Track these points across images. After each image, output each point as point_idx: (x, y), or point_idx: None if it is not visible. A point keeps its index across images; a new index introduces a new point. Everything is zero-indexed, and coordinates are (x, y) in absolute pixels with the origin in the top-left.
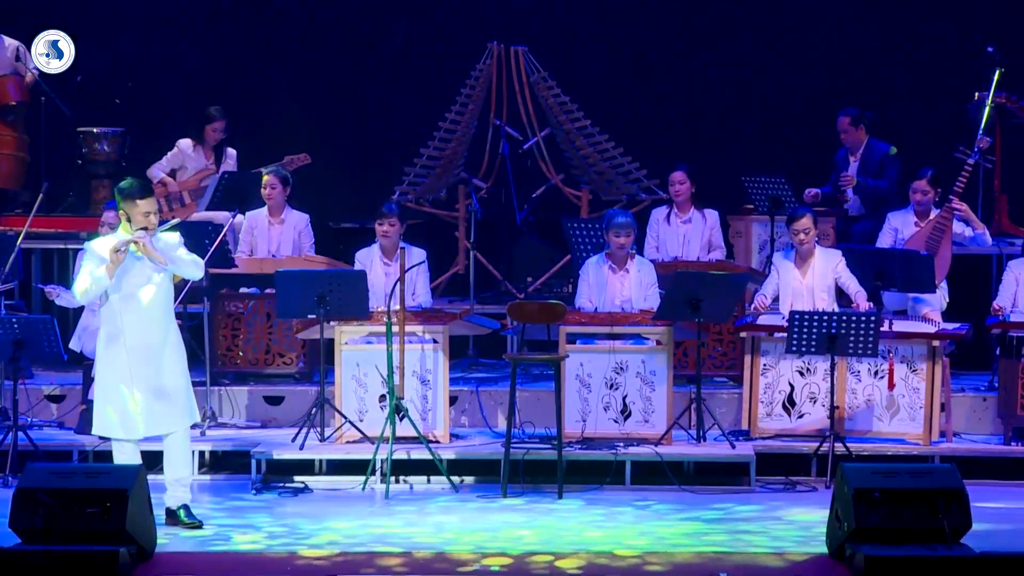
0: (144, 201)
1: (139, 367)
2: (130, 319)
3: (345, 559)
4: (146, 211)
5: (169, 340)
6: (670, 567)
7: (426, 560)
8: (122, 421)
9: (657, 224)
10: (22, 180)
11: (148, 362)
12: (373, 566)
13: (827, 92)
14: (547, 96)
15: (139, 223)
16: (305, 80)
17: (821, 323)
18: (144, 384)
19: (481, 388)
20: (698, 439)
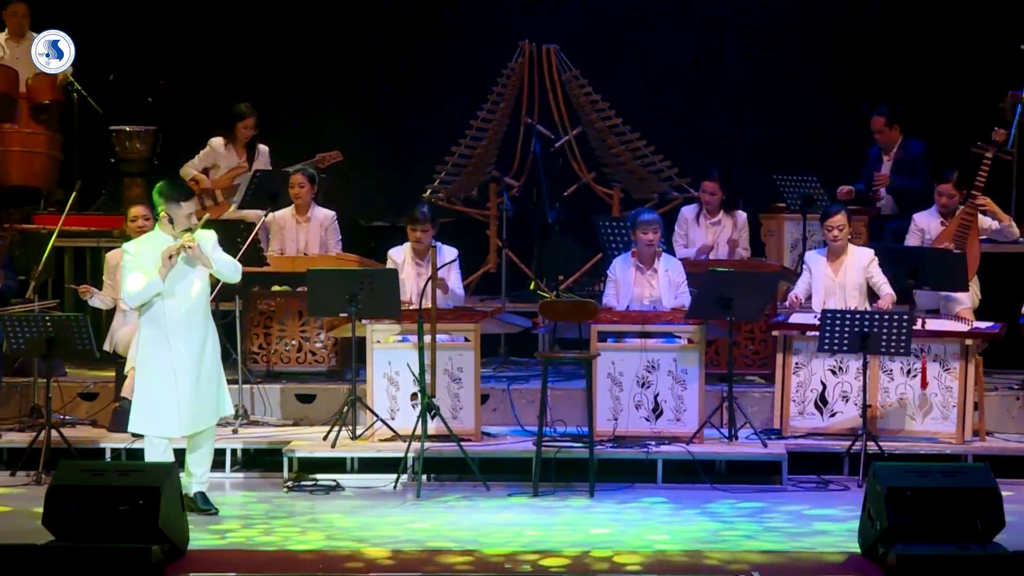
0: (187, 203)
1: (182, 366)
2: (173, 318)
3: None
4: (188, 213)
5: (209, 338)
6: (701, 566)
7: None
8: (162, 419)
9: (686, 223)
10: (55, 179)
11: (190, 361)
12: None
13: (859, 90)
14: (579, 94)
15: (182, 225)
16: (338, 77)
17: (854, 322)
18: (187, 384)
19: (512, 386)
20: (730, 438)
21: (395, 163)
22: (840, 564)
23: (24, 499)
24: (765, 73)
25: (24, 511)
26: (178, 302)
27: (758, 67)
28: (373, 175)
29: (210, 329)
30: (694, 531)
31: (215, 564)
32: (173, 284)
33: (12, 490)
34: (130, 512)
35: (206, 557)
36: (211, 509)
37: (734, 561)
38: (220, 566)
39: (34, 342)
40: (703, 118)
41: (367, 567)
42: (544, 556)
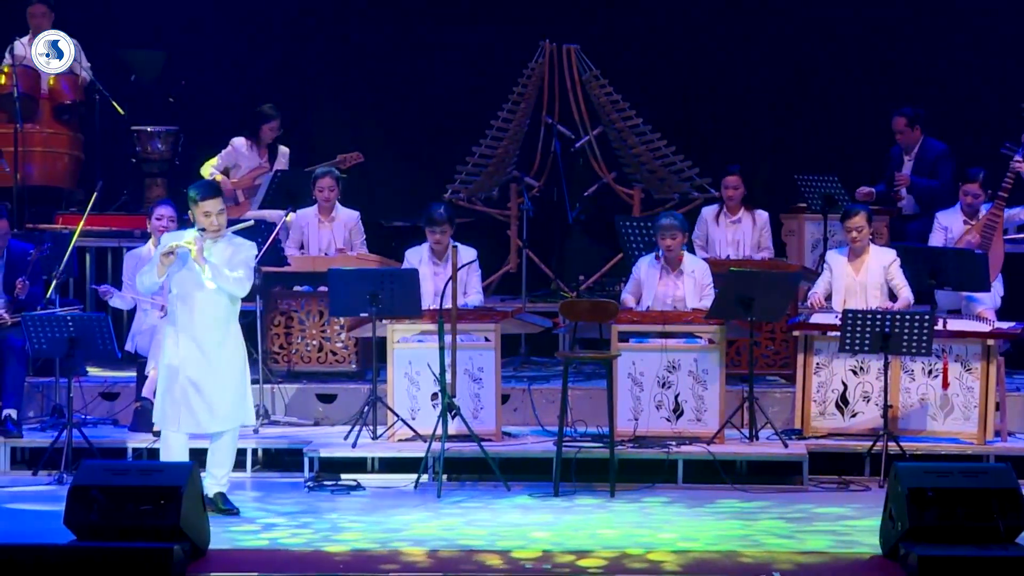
0: (205, 202)
1: (192, 366)
2: (185, 319)
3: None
4: (206, 211)
5: (227, 341)
6: (722, 566)
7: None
8: (172, 415)
9: (706, 223)
10: (76, 179)
11: (201, 362)
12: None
13: (880, 90)
14: (599, 94)
15: (200, 224)
16: (358, 79)
17: (875, 322)
18: (196, 383)
19: (533, 386)
20: (750, 438)
21: (415, 163)
22: (861, 565)
23: (46, 498)
24: (788, 73)
25: (46, 510)
26: (190, 303)
27: (781, 67)
28: (393, 175)
29: (229, 334)
30: (714, 532)
31: (236, 564)
32: (187, 284)
33: (34, 489)
34: (151, 512)
35: (227, 557)
36: (232, 509)
37: (755, 562)
38: (241, 566)
39: (56, 342)
40: (724, 118)
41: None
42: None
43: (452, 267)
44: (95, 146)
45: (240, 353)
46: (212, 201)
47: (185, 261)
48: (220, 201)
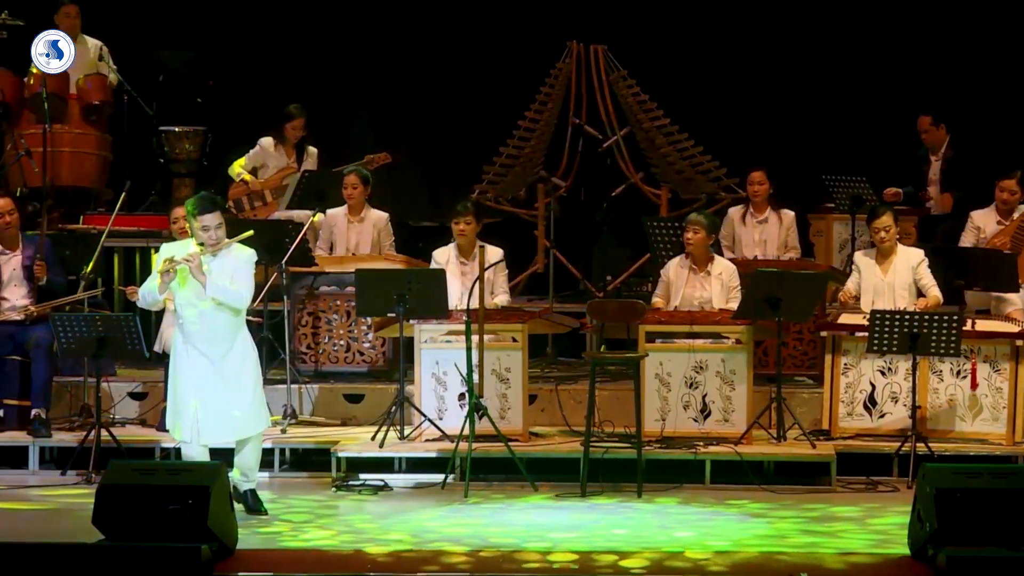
0: (203, 216)
1: (200, 375)
2: (190, 329)
3: (424, 557)
4: (204, 225)
5: (234, 350)
6: (750, 567)
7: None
8: (182, 425)
9: (732, 223)
10: (105, 179)
11: (209, 371)
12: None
13: (909, 90)
14: (626, 95)
15: (199, 238)
16: (386, 79)
17: (903, 322)
18: (203, 393)
19: (560, 387)
20: (778, 438)
21: (443, 164)
22: (890, 566)
23: (74, 498)
24: (817, 73)
25: (74, 510)
26: (195, 314)
27: (810, 67)
28: (421, 176)
29: (236, 341)
30: (742, 532)
31: (264, 564)
32: (190, 294)
33: (63, 489)
34: (179, 511)
35: (255, 557)
36: (261, 510)
37: (783, 562)
38: (268, 566)
39: (84, 342)
40: (752, 118)
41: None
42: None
43: (479, 267)
44: (123, 146)
45: (251, 359)
46: (210, 215)
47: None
48: (218, 215)
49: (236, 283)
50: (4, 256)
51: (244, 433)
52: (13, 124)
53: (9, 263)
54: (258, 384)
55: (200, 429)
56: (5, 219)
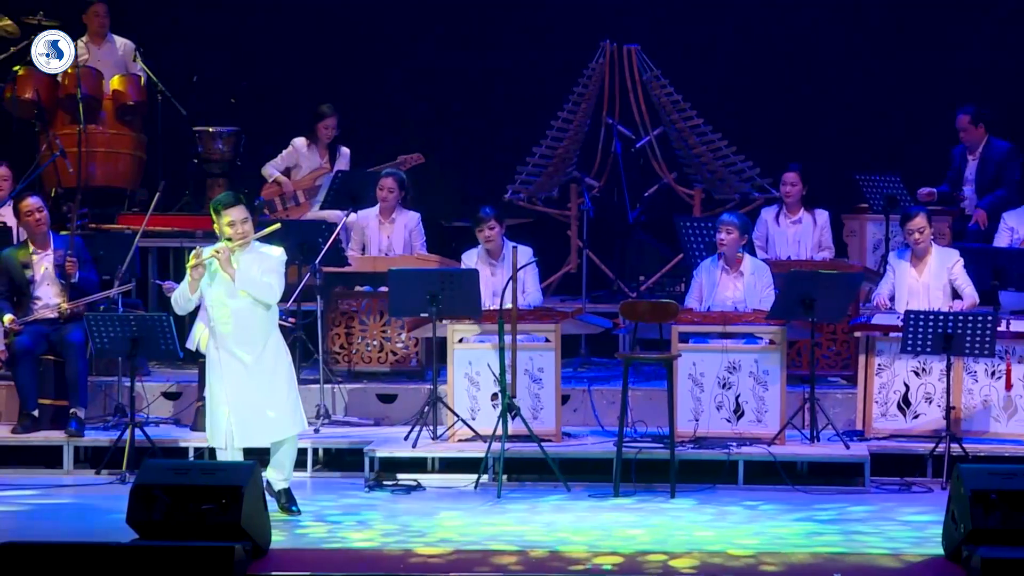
0: (228, 211)
1: (233, 379)
2: (222, 330)
3: (457, 557)
4: (230, 221)
5: (267, 351)
6: (784, 567)
7: (539, 559)
8: (214, 431)
9: (765, 224)
10: (139, 179)
11: (241, 374)
12: (486, 564)
13: (943, 89)
14: (660, 95)
15: (226, 234)
16: (418, 79)
17: (937, 323)
18: (235, 397)
19: (593, 387)
20: (812, 439)
21: (476, 164)
22: (924, 567)
23: (108, 497)
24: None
25: (108, 509)
26: (227, 313)
27: (843, 66)
28: (454, 176)
29: (269, 343)
30: (776, 533)
31: (297, 564)
32: (220, 294)
33: (97, 488)
34: (213, 511)
35: (288, 556)
36: (294, 509)
37: (816, 563)
38: (302, 566)
39: (118, 341)
40: (785, 118)
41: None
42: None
43: (512, 268)
44: (157, 147)
45: (284, 361)
46: (235, 209)
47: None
48: (243, 209)
49: (267, 277)
50: (36, 255)
51: (278, 435)
52: (48, 125)
53: (41, 262)
54: (292, 386)
55: (234, 434)
56: (34, 216)
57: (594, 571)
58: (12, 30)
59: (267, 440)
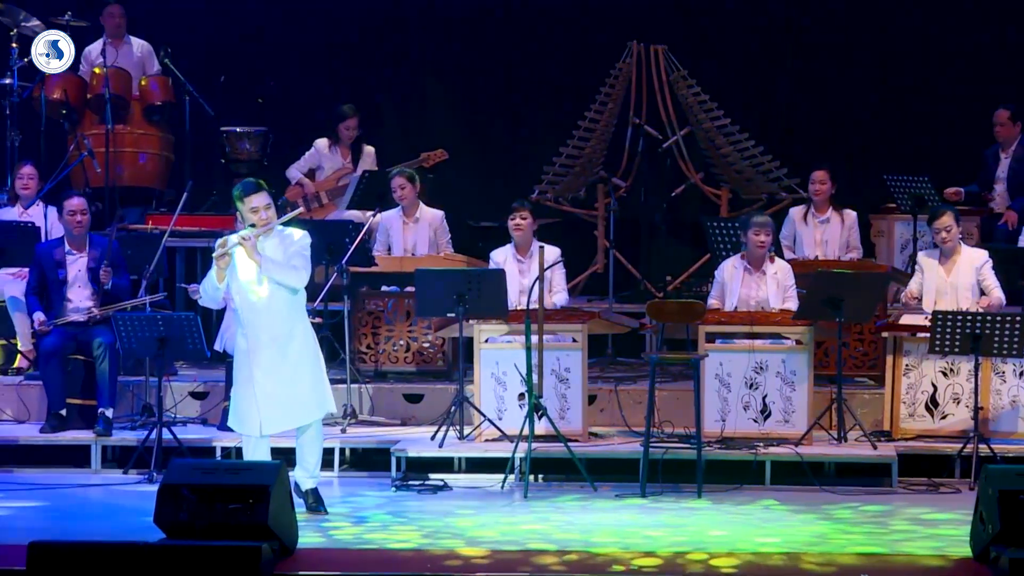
0: (250, 197)
1: (260, 365)
2: (248, 317)
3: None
4: (253, 207)
5: (295, 336)
6: (812, 567)
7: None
8: (244, 418)
9: (793, 223)
10: (167, 179)
11: (269, 360)
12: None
13: (972, 91)
14: (687, 95)
15: (250, 220)
16: (446, 78)
17: (965, 323)
18: (265, 382)
19: (620, 387)
20: (839, 439)
21: (503, 163)
22: (952, 568)
23: (136, 497)
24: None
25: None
26: (254, 299)
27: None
28: (481, 175)
29: (296, 330)
30: (803, 533)
31: (324, 563)
32: (247, 282)
33: (124, 487)
34: (240, 511)
35: (315, 556)
36: (322, 509)
37: (844, 563)
38: (329, 565)
39: (146, 342)
40: (813, 118)
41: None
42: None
43: (539, 267)
44: (184, 147)
45: (311, 345)
46: (258, 196)
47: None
48: (266, 195)
49: (293, 260)
50: (71, 256)
51: (306, 418)
52: (76, 125)
53: (75, 264)
54: (320, 370)
55: (262, 420)
56: (77, 218)
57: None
58: (40, 31)
59: (294, 423)
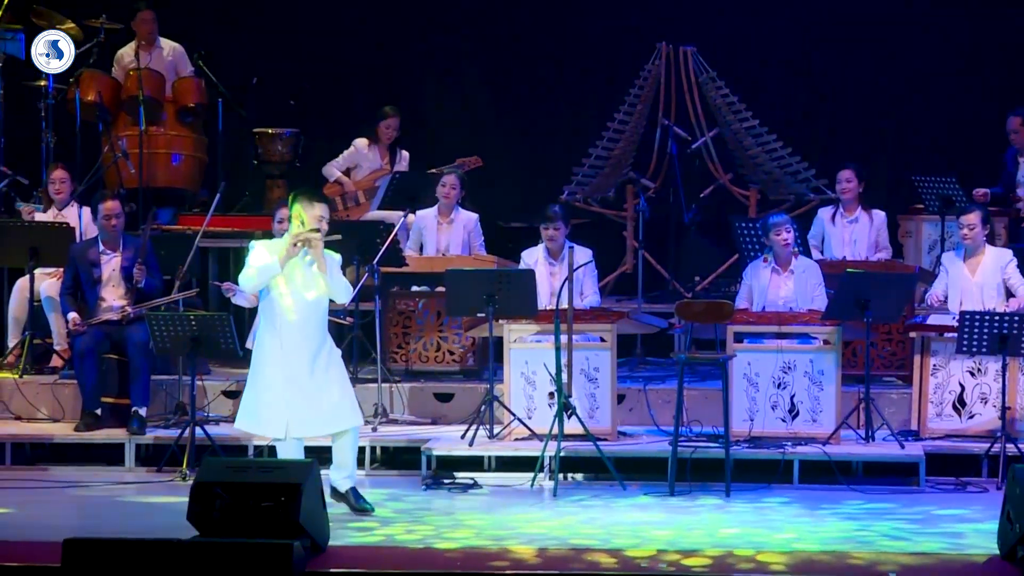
0: (321, 205)
1: (295, 369)
2: (291, 319)
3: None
4: (321, 215)
5: (325, 346)
6: (839, 566)
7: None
8: (268, 420)
9: (822, 223)
10: (200, 180)
11: (304, 365)
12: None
13: (999, 92)
14: (715, 96)
15: (311, 226)
16: (476, 81)
17: (992, 323)
18: (299, 386)
19: (648, 386)
20: (866, 439)
21: (533, 165)
22: (979, 566)
23: (169, 494)
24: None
25: (169, 506)
26: (295, 306)
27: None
28: (511, 177)
29: (327, 341)
30: (831, 532)
31: (355, 560)
32: (293, 287)
33: (158, 485)
34: (272, 508)
35: (346, 553)
36: (367, 507)
37: (872, 562)
38: (360, 562)
39: (179, 340)
40: (841, 119)
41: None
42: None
43: (568, 268)
44: (217, 148)
45: (337, 357)
46: (324, 205)
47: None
48: (328, 208)
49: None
50: (105, 256)
51: (338, 427)
52: (110, 126)
53: (109, 263)
54: (348, 382)
55: (290, 421)
56: (112, 221)
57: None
58: (75, 33)
59: (326, 430)
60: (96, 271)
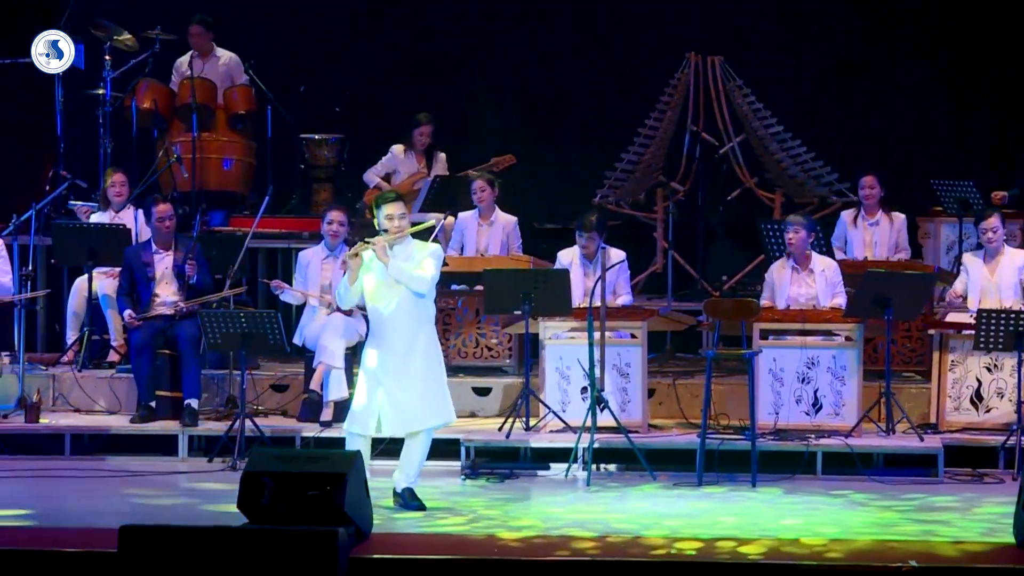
0: (387, 205)
1: (384, 369)
2: (377, 322)
3: (547, 541)
4: (388, 215)
5: (418, 345)
6: (858, 555)
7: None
8: (359, 416)
9: (844, 225)
10: (250, 184)
11: (393, 365)
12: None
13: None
14: (742, 103)
15: (383, 226)
16: (513, 86)
17: (1009, 321)
18: (387, 386)
19: (678, 381)
20: (887, 432)
21: (567, 168)
22: (996, 555)
23: (220, 483)
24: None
25: (220, 495)
26: (383, 307)
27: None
28: (546, 179)
29: (419, 339)
30: (853, 521)
31: (397, 547)
32: (378, 289)
33: (209, 475)
34: (318, 497)
35: (389, 540)
36: (420, 507)
37: (892, 551)
38: (402, 549)
39: (230, 337)
40: (863, 125)
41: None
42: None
43: (601, 267)
44: (266, 153)
45: (434, 355)
46: (393, 205)
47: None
48: (401, 205)
49: (420, 268)
50: (159, 255)
51: (421, 424)
52: (165, 133)
53: (163, 262)
54: (441, 379)
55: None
56: (166, 224)
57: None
58: (132, 44)
59: (409, 427)
60: (149, 270)
